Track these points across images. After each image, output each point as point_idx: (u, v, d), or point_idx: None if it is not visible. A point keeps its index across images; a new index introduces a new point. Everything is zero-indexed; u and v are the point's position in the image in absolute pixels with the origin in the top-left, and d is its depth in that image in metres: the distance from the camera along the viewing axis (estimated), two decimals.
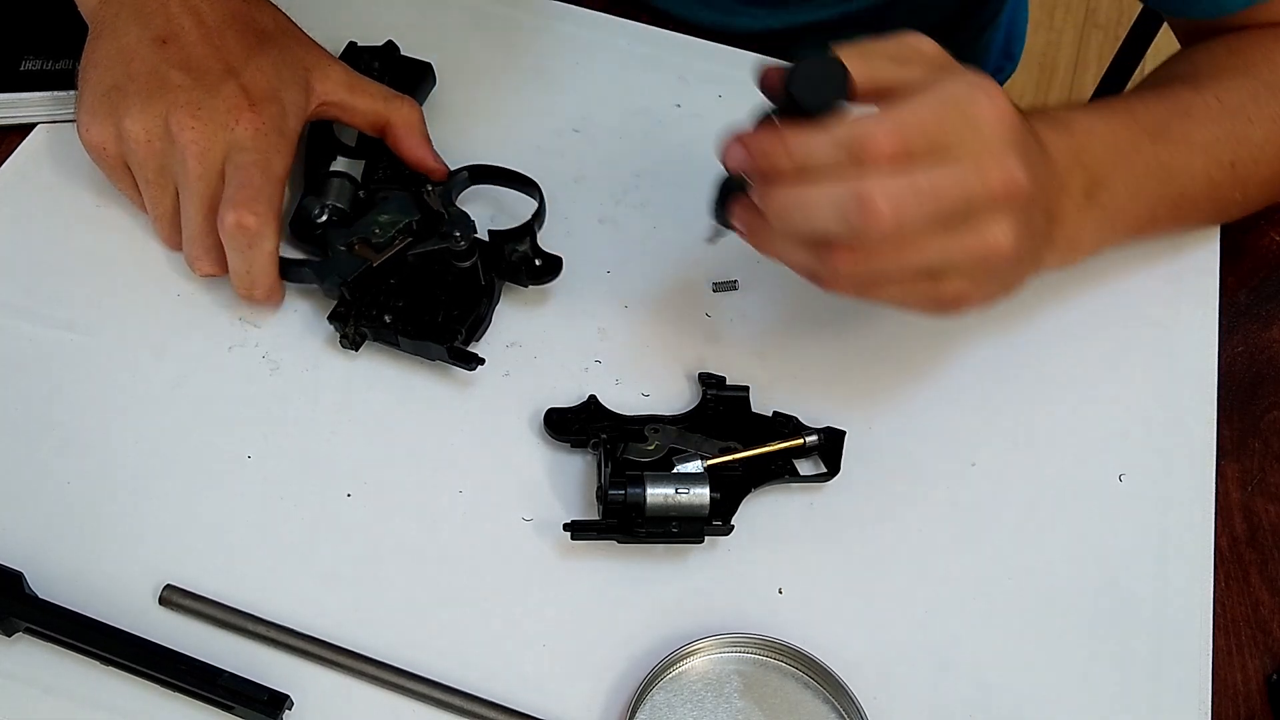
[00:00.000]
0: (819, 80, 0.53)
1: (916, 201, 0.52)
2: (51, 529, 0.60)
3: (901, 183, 0.51)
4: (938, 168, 0.52)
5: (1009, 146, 0.53)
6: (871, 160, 0.51)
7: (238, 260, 0.63)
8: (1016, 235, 0.54)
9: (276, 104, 0.65)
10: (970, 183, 0.52)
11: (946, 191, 0.52)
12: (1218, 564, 0.63)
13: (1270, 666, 0.61)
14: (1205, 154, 0.67)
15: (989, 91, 0.54)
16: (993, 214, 0.54)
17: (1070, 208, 0.62)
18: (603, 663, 0.58)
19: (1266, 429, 0.68)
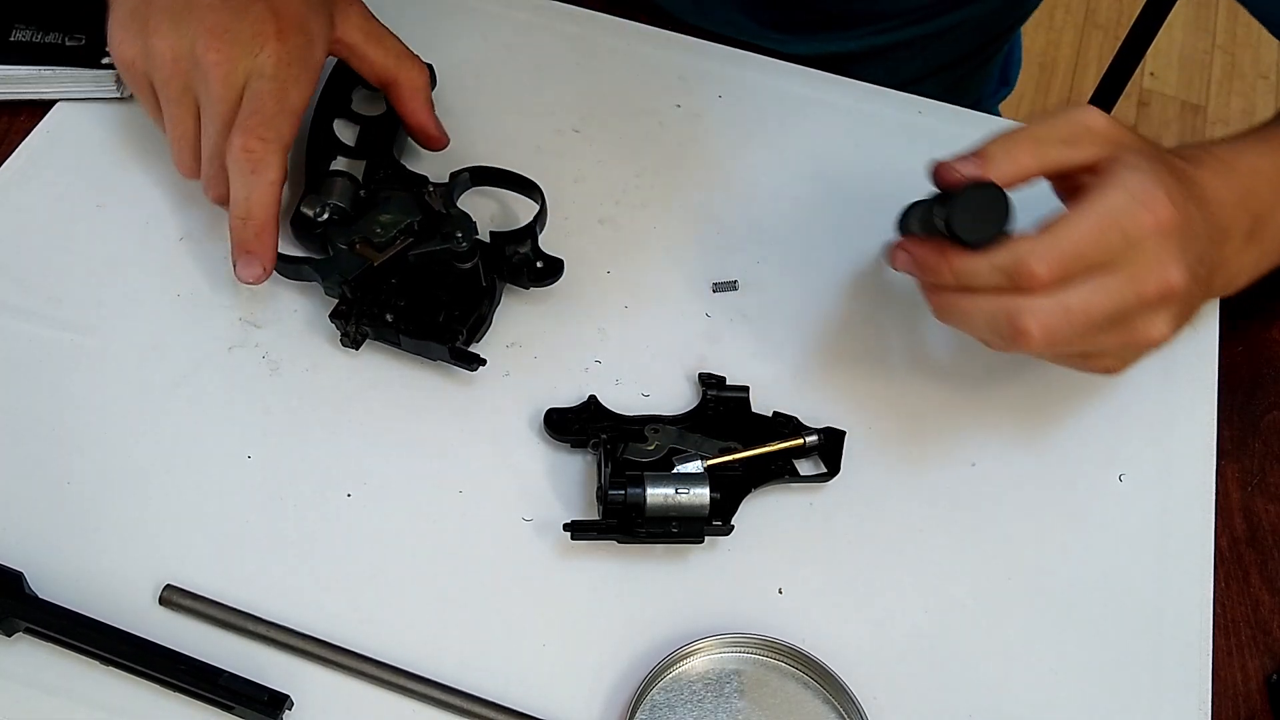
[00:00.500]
0: (980, 214, 0.56)
1: (1067, 322, 0.55)
2: (51, 529, 0.60)
3: (1053, 305, 0.55)
4: (1092, 286, 0.55)
5: (1166, 254, 0.55)
6: (1028, 287, 0.55)
7: (239, 186, 0.62)
8: (1173, 327, 0.57)
9: (303, 33, 0.64)
10: (1125, 295, 0.55)
11: (1099, 308, 0.55)
12: (1218, 564, 0.63)
13: (1270, 666, 0.61)
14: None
15: (1150, 198, 0.55)
16: (1148, 315, 0.57)
17: (1231, 252, 0.61)
18: (603, 663, 0.58)
19: (1266, 429, 0.68)
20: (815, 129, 0.78)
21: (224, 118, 0.63)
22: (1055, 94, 2.07)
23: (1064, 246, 0.55)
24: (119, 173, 0.72)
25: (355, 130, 0.73)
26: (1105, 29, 2.16)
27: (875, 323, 0.69)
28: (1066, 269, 0.55)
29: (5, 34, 0.73)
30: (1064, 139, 0.57)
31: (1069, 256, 0.55)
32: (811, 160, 0.76)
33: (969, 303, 0.57)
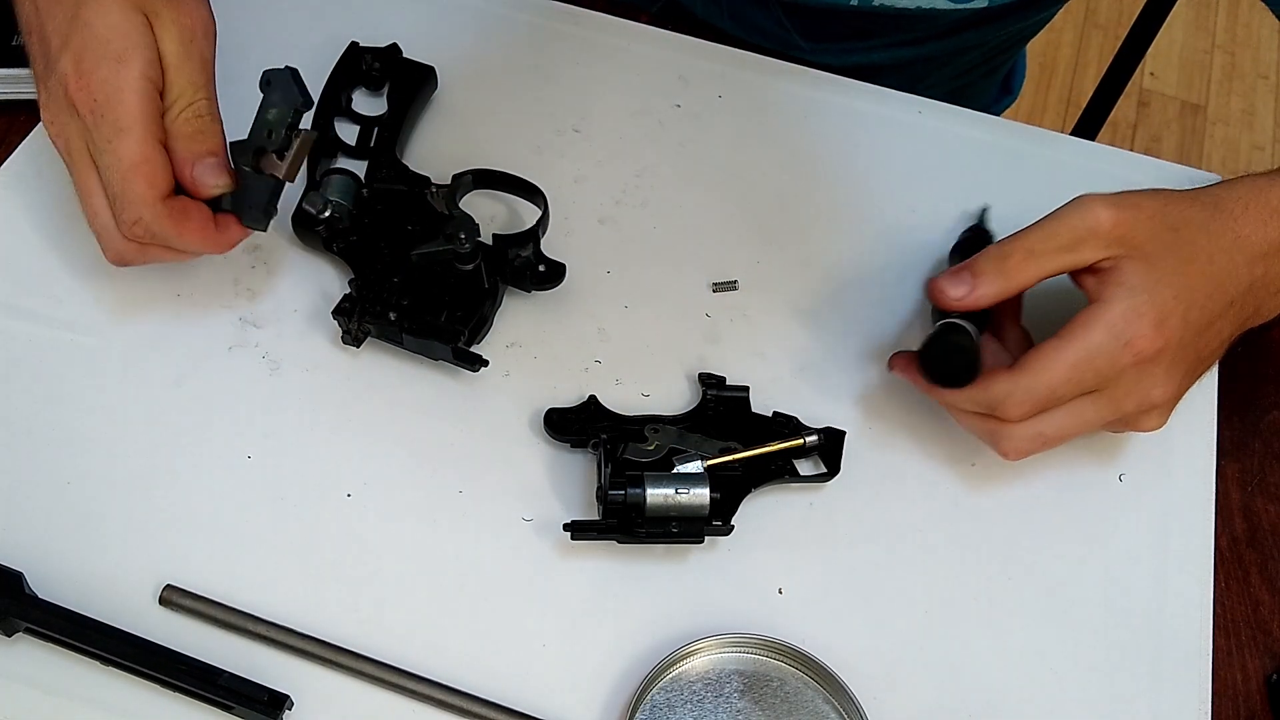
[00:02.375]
0: (949, 359, 0.60)
1: (1043, 444, 0.60)
2: (51, 529, 0.60)
3: (1029, 433, 0.59)
4: (1066, 411, 0.59)
5: (1148, 379, 0.58)
6: (1004, 420, 0.59)
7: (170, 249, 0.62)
8: (1160, 390, 0.58)
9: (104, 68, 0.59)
10: (1102, 416, 0.59)
11: (1074, 430, 0.59)
12: (1218, 564, 0.63)
13: (1270, 666, 0.61)
14: None
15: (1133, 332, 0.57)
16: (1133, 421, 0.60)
17: (1267, 294, 0.62)
18: (603, 663, 0.58)
19: (1266, 429, 0.68)
20: (815, 129, 0.78)
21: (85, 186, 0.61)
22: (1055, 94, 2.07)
23: (1038, 389, 0.58)
24: None
25: (356, 130, 0.73)
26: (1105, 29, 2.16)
27: (875, 322, 0.69)
28: (1040, 406, 0.58)
29: (7, 40, 0.73)
30: (1064, 246, 0.59)
31: (1042, 397, 0.58)
32: (811, 160, 0.76)
33: (957, 416, 0.62)
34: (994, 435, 0.60)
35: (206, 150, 0.61)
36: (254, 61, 0.76)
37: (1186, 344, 0.59)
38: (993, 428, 0.60)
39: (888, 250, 0.71)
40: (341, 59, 0.75)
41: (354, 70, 0.75)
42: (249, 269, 0.69)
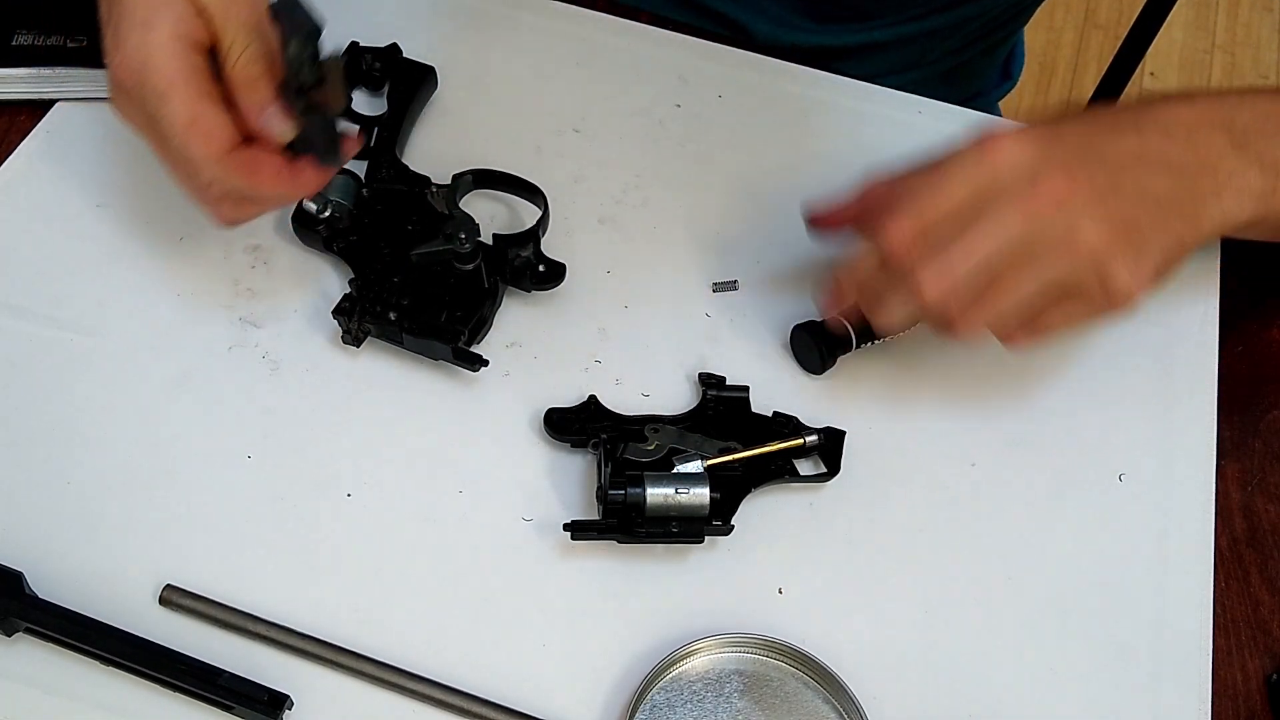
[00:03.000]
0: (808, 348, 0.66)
1: (954, 268, 0.56)
2: (51, 529, 0.60)
3: (938, 261, 0.56)
4: (967, 230, 0.56)
5: (1033, 169, 0.56)
6: (898, 261, 0.57)
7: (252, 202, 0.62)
8: (1093, 230, 0.56)
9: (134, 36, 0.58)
10: (1006, 221, 0.56)
11: (981, 243, 0.56)
12: (1218, 564, 0.63)
13: (1270, 666, 0.61)
14: None
15: (990, 139, 0.57)
16: (1048, 222, 0.56)
17: (1213, 156, 0.60)
18: (603, 663, 0.58)
19: (1266, 429, 0.68)
20: (815, 129, 0.78)
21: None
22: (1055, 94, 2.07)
23: (912, 207, 0.57)
24: (119, 173, 0.72)
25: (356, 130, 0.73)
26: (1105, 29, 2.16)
27: None
28: (923, 228, 0.56)
29: (7, 39, 0.73)
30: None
31: (919, 214, 0.57)
32: (811, 160, 0.76)
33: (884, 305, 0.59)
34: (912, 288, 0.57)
35: (264, 98, 0.59)
36: None
37: (1067, 149, 0.57)
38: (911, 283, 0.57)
39: None
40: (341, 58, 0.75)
41: (354, 70, 0.75)
42: (249, 269, 0.69)
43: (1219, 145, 0.61)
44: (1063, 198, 0.56)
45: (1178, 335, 0.70)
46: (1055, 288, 0.57)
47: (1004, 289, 0.57)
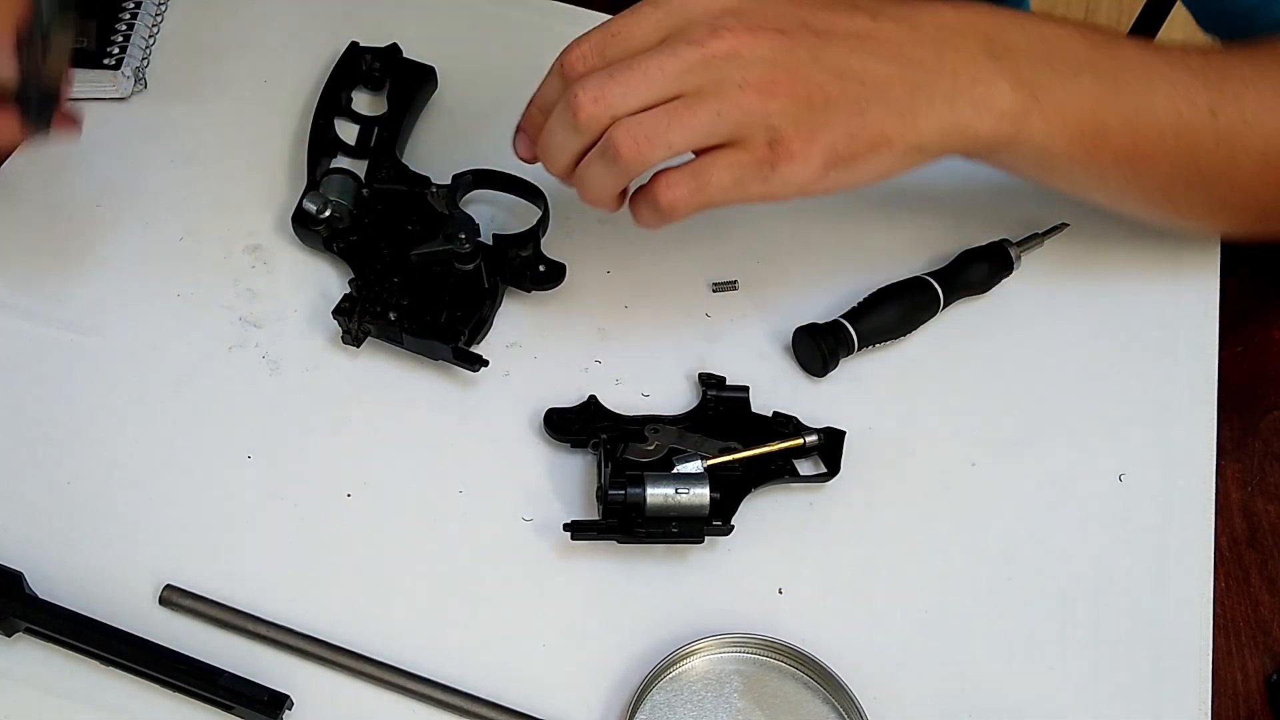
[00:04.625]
0: (810, 350, 0.66)
1: (613, 85, 0.54)
2: (51, 529, 0.60)
3: (599, 75, 0.55)
4: (641, 54, 0.54)
5: (723, 8, 0.55)
6: (571, 74, 0.56)
7: None
8: (765, 86, 0.54)
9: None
10: (680, 55, 0.54)
11: (646, 62, 0.54)
12: (1218, 564, 0.63)
13: (1270, 666, 0.61)
14: (1173, 88, 0.61)
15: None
16: (723, 66, 0.54)
17: (962, 61, 0.58)
18: (603, 663, 0.58)
19: (1266, 429, 0.68)
20: None
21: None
22: None
23: (596, 28, 0.56)
24: (119, 173, 0.72)
25: (356, 130, 0.73)
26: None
27: None
28: (599, 42, 0.56)
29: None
30: None
31: (598, 31, 0.56)
32: None
33: (548, 124, 0.57)
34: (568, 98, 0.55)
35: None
36: (257, 61, 0.77)
37: (778, 7, 0.56)
38: (568, 94, 0.55)
39: (889, 250, 0.71)
40: (341, 59, 0.75)
41: (354, 70, 0.75)
42: (249, 269, 0.69)
43: (970, 50, 0.58)
44: (741, 48, 0.54)
45: (1178, 335, 0.70)
46: (720, 133, 0.54)
47: (665, 117, 0.54)
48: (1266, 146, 0.63)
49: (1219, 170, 0.63)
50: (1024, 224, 0.71)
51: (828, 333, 0.65)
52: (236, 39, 0.78)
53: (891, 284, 0.68)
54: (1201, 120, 0.61)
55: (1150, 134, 0.61)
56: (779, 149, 0.54)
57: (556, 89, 0.57)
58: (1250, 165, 0.63)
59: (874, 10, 0.58)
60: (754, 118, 0.54)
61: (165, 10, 0.78)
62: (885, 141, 0.56)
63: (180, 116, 0.65)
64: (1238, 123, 0.62)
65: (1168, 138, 0.61)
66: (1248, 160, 0.63)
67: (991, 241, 0.70)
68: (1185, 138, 0.62)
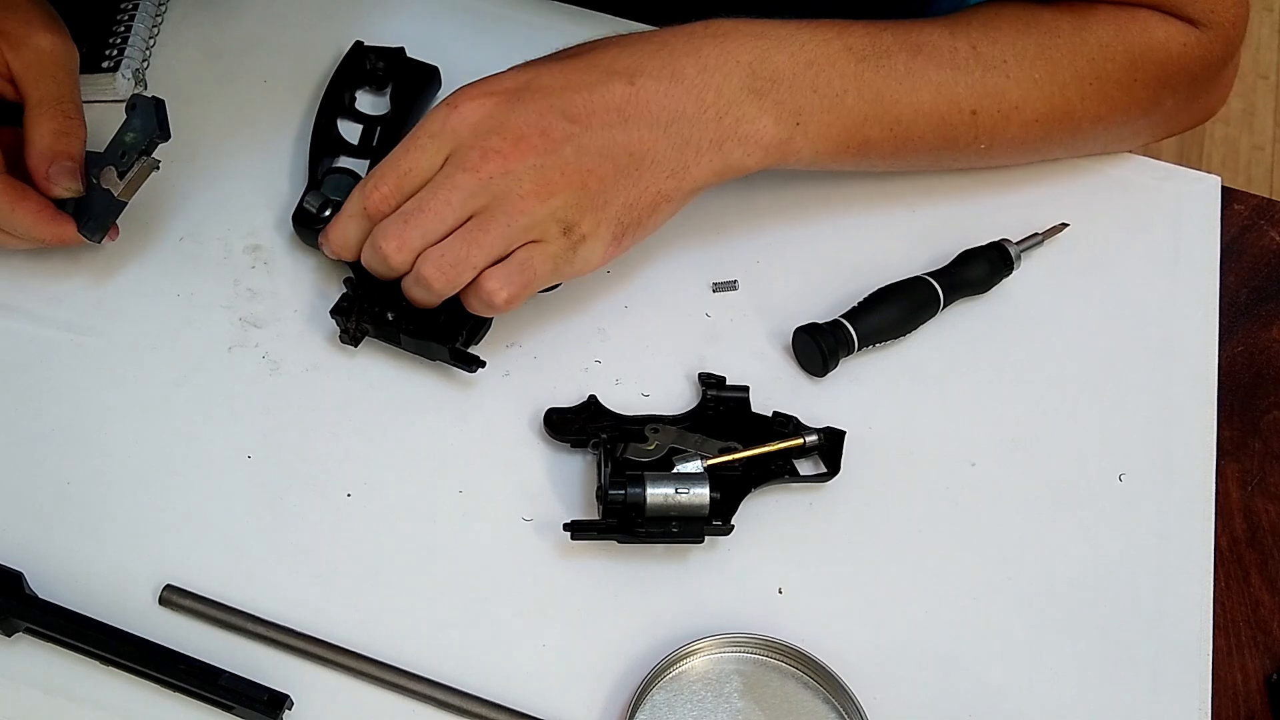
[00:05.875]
0: (810, 350, 0.66)
1: (409, 226, 0.59)
2: (51, 529, 0.60)
3: (396, 221, 0.60)
4: (425, 189, 0.59)
5: (488, 133, 0.59)
6: (376, 214, 0.61)
7: None
8: (542, 188, 0.59)
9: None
10: (460, 184, 0.59)
11: (433, 201, 0.59)
12: (1218, 564, 0.63)
13: (1270, 666, 0.61)
14: (936, 93, 0.66)
15: (457, 99, 0.60)
16: (500, 183, 0.59)
17: (725, 104, 0.62)
18: (603, 663, 0.58)
19: (1266, 429, 0.68)
20: None
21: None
22: None
23: (384, 168, 0.60)
24: None
25: (359, 129, 0.73)
26: None
27: None
28: (397, 184, 0.60)
29: None
30: None
31: (391, 172, 0.60)
32: None
33: (365, 260, 0.62)
34: (374, 238, 0.60)
35: (67, 152, 0.63)
36: (258, 61, 0.77)
37: (536, 108, 0.59)
38: (372, 240, 0.60)
39: (889, 249, 0.71)
40: (345, 58, 0.75)
41: (358, 70, 0.75)
42: (249, 269, 0.69)
43: (732, 90, 0.62)
44: (509, 161, 0.58)
45: (1178, 335, 0.70)
46: (515, 239, 0.59)
47: (464, 243, 0.59)
48: (1023, 132, 0.69)
49: (979, 155, 0.70)
50: (1024, 224, 0.71)
51: (828, 333, 0.65)
52: (238, 39, 0.78)
53: (891, 284, 0.68)
54: (963, 120, 0.67)
55: (912, 138, 0.67)
56: (573, 234, 0.60)
57: (361, 227, 0.62)
58: (1007, 146, 0.70)
59: (632, 73, 0.61)
60: (540, 218, 0.59)
61: (165, 10, 0.78)
62: (664, 199, 0.62)
63: (180, 117, 0.65)
64: (997, 117, 0.67)
65: (929, 138, 0.67)
66: (1005, 144, 0.69)
67: (991, 241, 0.70)
68: (946, 135, 0.67)
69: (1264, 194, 0.79)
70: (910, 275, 0.68)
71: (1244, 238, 0.75)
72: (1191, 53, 0.68)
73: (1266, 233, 0.76)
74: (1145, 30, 0.68)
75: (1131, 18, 0.68)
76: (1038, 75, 0.67)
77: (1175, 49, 0.68)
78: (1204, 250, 0.73)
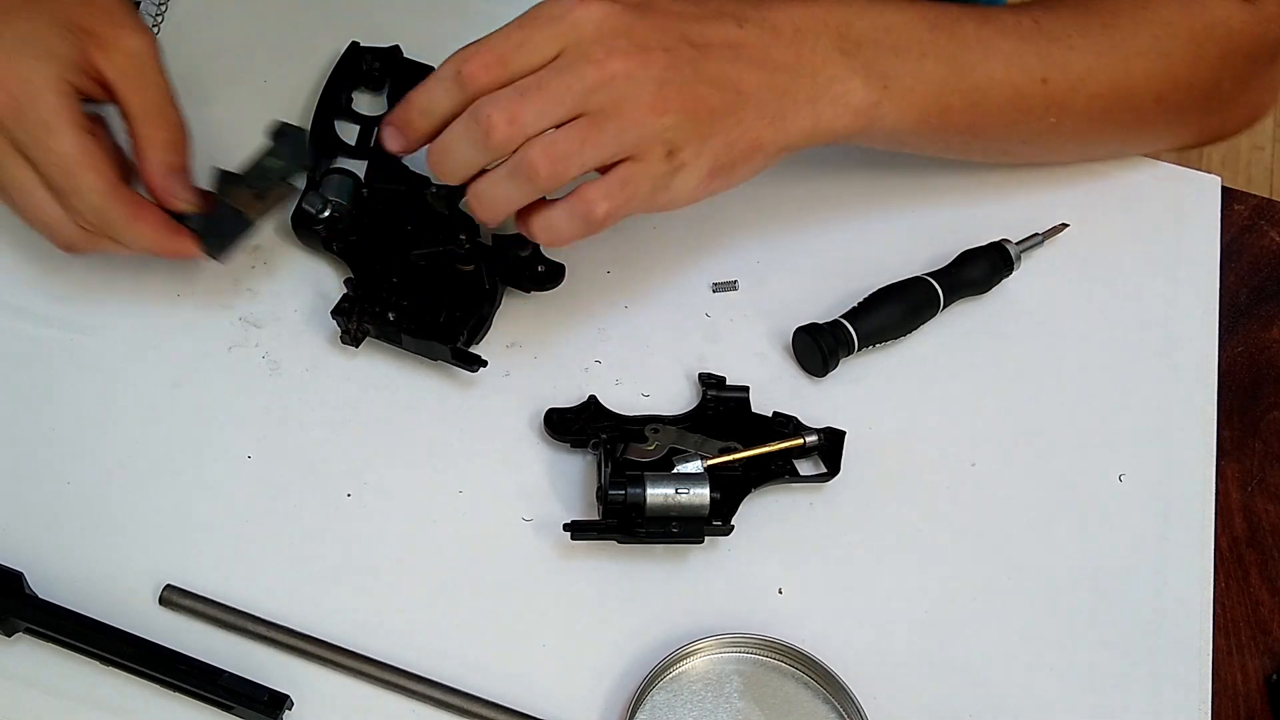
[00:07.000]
0: (810, 350, 0.66)
1: (525, 100, 0.55)
2: (51, 529, 0.60)
3: (510, 94, 0.55)
4: (543, 70, 0.56)
5: (611, 32, 0.56)
6: (473, 84, 0.56)
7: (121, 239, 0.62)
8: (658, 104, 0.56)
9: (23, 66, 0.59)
10: (579, 71, 0.56)
11: (554, 83, 0.55)
12: (1218, 564, 0.63)
13: (1270, 666, 0.61)
14: (1008, 62, 0.66)
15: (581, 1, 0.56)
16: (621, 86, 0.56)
17: (818, 61, 0.61)
18: (603, 663, 0.58)
19: (1266, 429, 0.68)
20: None
21: None
22: None
23: (492, 37, 0.57)
24: None
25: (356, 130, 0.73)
26: None
27: None
28: (501, 54, 0.56)
29: None
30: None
31: (498, 42, 0.56)
32: (812, 158, 0.76)
33: (448, 136, 0.57)
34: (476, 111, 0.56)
35: (181, 163, 0.62)
36: (255, 61, 0.77)
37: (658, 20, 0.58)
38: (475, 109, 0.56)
39: (889, 249, 0.71)
40: (342, 59, 0.75)
41: (355, 70, 0.75)
42: (249, 269, 0.69)
43: (825, 49, 0.62)
44: (633, 66, 0.56)
45: (1178, 335, 0.70)
46: (623, 150, 0.57)
47: (578, 137, 0.56)
48: (1089, 106, 0.69)
49: (1050, 129, 0.69)
50: (1024, 224, 0.71)
51: (828, 333, 0.65)
52: (236, 39, 0.78)
53: (891, 284, 0.68)
54: (1034, 89, 0.67)
55: (989, 107, 0.67)
56: (674, 159, 0.58)
57: (450, 95, 0.57)
58: (1075, 123, 0.70)
59: (740, 17, 0.60)
60: (651, 133, 0.57)
61: (165, 10, 0.78)
62: (759, 147, 0.61)
63: None
64: (1065, 88, 0.67)
65: (1004, 109, 0.67)
66: (1073, 119, 0.69)
67: (991, 241, 0.70)
68: (1019, 106, 0.67)
69: (1264, 194, 0.79)
70: (910, 275, 0.68)
71: (1244, 238, 0.75)
72: (1250, 30, 0.69)
73: (1266, 233, 0.76)
74: (1206, 8, 0.69)
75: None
76: (1101, 48, 0.67)
77: (1236, 25, 0.69)
78: (1204, 250, 0.73)
